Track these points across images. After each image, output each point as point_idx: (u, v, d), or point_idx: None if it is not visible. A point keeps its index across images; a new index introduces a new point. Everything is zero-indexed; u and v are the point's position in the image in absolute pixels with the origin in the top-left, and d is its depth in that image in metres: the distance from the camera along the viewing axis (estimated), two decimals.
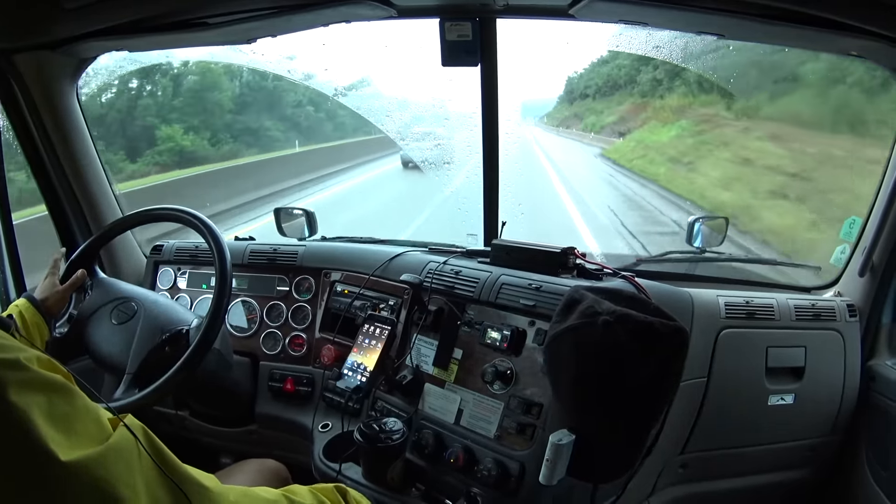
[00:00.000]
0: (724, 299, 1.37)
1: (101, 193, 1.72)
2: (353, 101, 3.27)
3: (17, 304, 1.22)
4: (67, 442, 0.50)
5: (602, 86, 16.06)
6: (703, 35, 1.40)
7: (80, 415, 0.53)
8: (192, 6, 1.33)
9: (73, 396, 0.53)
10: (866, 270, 1.44)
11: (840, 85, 5.50)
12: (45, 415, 0.49)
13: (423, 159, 3.54)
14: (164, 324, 1.27)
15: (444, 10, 1.46)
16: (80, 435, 0.51)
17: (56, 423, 0.50)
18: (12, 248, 1.55)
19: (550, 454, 0.96)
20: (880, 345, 1.49)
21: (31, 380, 0.50)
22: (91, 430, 0.53)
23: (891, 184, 1.38)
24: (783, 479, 1.51)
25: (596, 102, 16.33)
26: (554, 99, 18.44)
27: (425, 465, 1.22)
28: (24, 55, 1.45)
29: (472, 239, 1.71)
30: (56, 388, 0.52)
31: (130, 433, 0.56)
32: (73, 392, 0.54)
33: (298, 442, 1.48)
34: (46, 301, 1.25)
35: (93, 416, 0.54)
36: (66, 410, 0.52)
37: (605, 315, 0.94)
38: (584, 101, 17.21)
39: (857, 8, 1.10)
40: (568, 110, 18.51)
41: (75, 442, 0.50)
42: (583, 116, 16.79)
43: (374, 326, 1.34)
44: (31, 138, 1.59)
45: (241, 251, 1.65)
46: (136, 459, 0.55)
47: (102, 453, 0.52)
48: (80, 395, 0.55)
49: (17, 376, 0.49)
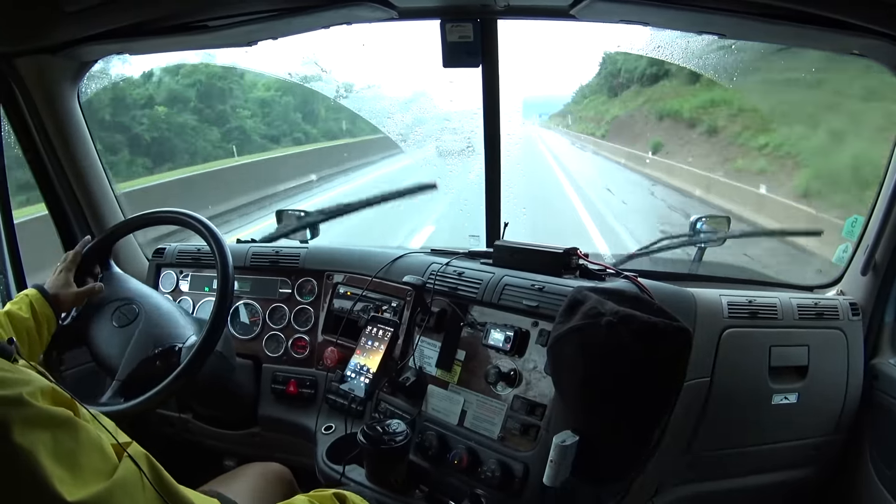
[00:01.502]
0: (727, 299, 1.37)
1: (102, 195, 1.72)
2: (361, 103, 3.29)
3: (28, 294, 1.20)
4: (73, 480, 0.50)
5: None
6: (704, 35, 1.40)
7: (84, 449, 0.53)
8: (193, 9, 1.33)
9: (78, 430, 0.53)
10: (869, 269, 1.44)
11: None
12: (50, 454, 0.49)
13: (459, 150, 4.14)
14: (158, 336, 1.26)
15: (445, 12, 1.46)
16: (85, 470, 0.51)
17: (62, 460, 0.50)
18: (13, 246, 1.55)
19: (554, 455, 0.97)
20: (883, 343, 1.49)
21: (35, 417, 0.50)
22: (96, 463, 0.53)
23: (892, 182, 1.38)
24: (787, 479, 1.51)
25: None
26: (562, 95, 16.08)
27: (429, 466, 1.22)
28: (25, 59, 1.45)
29: (475, 240, 1.71)
30: (60, 423, 0.52)
31: (135, 464, 0.56)
32: (77, 426, 0.54)
33: (302, 444, 1.48)
34: (58, 297, 1.23)
35: (97, 448, 0.54)
36: (71, 447, 0.52)
37: (608, 316, 0.94)
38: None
39: (859, 7, 1.10)
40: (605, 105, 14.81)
41: (81, 479, 0.50)
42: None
43: (376, 328, 1.34)
44: (32, 141, 1.59)
45: (242, 254, 1.65)
46: (140, 492, 0.55)
47: (109, 490, 0.52)
48: (84, 427, 0.54)
49: (20, 414, 0.49)
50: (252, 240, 1.80)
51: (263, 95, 11.57)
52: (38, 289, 1.22)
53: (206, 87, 10.14)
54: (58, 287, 1.25)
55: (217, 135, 10.12)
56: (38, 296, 1.20)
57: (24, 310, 1.16)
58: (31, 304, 1.18)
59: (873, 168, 5.01)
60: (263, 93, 11.57)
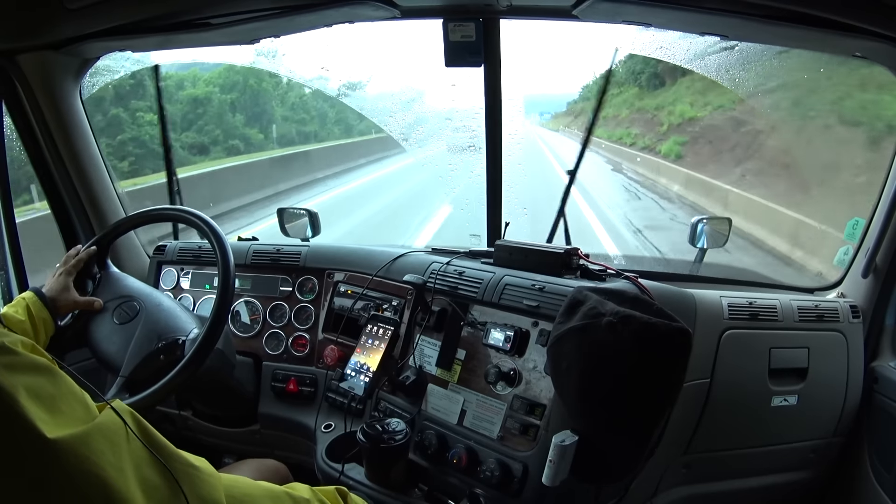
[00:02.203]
0: (727, 300, 1.37)
1: (103, 192, 1.72)
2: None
3: (25, 297, 1.20)
4: (53, 421, 0.50)
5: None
6: (706, 36, 1.40)
7: (65, 396, 0.53)
8: (196, 6, 1.33)
9: (58, 378, 0.54)
10: (870, 272, 1.44)
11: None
12: (31, 395, 0.49)
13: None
14: (161, 330, 1.26)
15: (448, 11, 1.46)
16: (65, 415, 0.51)
17: (42, 402, 0.50)
18: (15, 246, 1.55)
19: (554, 455, 0.97)
20: (883, 346, 1.49)
21: (16, 362, 0.50)
22: (77, 411, 0.53)
23: (894, 185, 1.38)
24: (786, 481, 1.51)
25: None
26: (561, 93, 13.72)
27: (428, 465, 1.22)
28: (28, 55, 1.46)
29: (476, 240, 1.71)
30: (41, 369, 0.52)
31: (118, 416, 0.56)
32: (57, 374, 0.54)
33: (301, 442, 1.49)
34: (56, 301, 1.23)
35: (79, 398, 0.55)
36: (51, 391, 0.52)
37: (608, 316, 0.94)
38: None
39: (861, 9, 1.10)
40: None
41: (61, 421, 0.50)
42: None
43: (377, 327, 1.34)
44: (34, 138, 1.59)
45: (244, 252, 1.65)
46: (123, 441, 0.55)
47: (88, 432, 0.52)
48: (65, 378, 0.55)
49: (1, 360, 0.49)
50: (253, 237, 1.80)
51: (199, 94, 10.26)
52: (35, 292, 1.21)
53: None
54: (56, 291, 1.24)
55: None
56: (35, 299, 1.20)
57: (21, 313, 1.16)
58: (28, 307, 1.18)
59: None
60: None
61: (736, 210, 6.39)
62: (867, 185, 5.57)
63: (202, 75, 10.54)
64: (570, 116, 14.05)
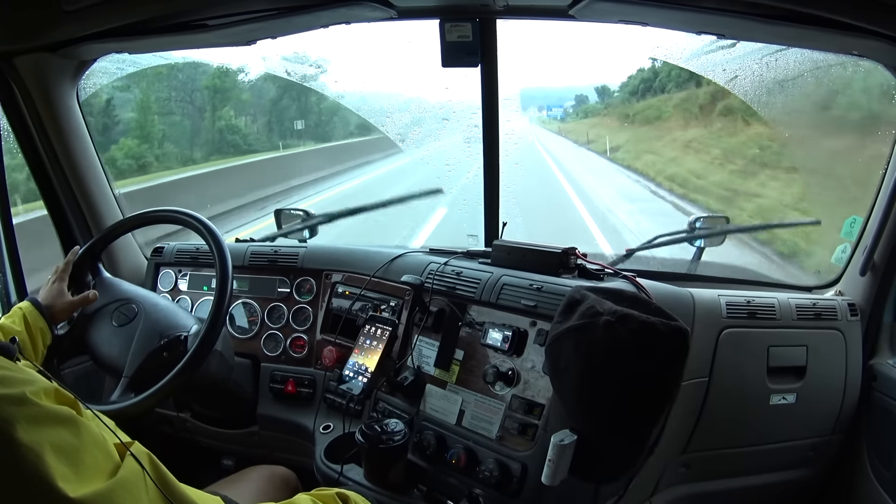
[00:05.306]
0: (726, 299, 1.37)
1: (100, 194, 1.72)
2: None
3: (21, 307, 1.20)
4: (76, 477, 0.50)
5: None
6: (703, 35, 1.40)
7: (87, 447, 0.53)
8: (192, 8, 1.33)
9: (81, 428, 0.54)
10: (867, 269, 1.44)
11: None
12: (54, 451, 0.49)
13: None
14: (163, 328, 1.27)
15: (445, 11, 1.46)
16: (88, 468, 0.52)
17: (65, 458, 0.50)
18: (13, 249, 1.55)
19: (552, 454, 0.97)
20: (882, 344, 1.49)
21: (39, 415, 0.50)
22: (99, 461, 0.54)
23: (891, 183, 1.38)
24: (785, 479, 1.51)
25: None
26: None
27: (427, 465, 1.22)
28: (24, 57, 1.45)
29: (473, 240, 1.71)
30: (63, 421, 0.52)
31: (137, 463, 0.56)
32: (80, 424, 0.54)
33: (300, 443, 1.48)
34: (52, 308, 1.23)
35: (100, 446, 0.55)
36: (74, 444, 0.52)
37: (606, 315, 0.94)
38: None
39: (858, 7, 1.10)
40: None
41: (84, 476, 0.51)
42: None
43: (375, 328, 1.34)
44: (31, 140, 1.59)
45: (241, 253, 1.65)
46: (142, 491, 0.55)
47: (111, 488, 0.52)
48: (87, 426, 0.55)
49: (24, 413, 0.49)
50: (251, 239, 1.80)
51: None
52: (31, 301, 1.22)
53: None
54: (51, 298, 1.24)
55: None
56: (31, 308, 1.20)
57: (17, 323, 1.16)
58: (24, 316, 1.18)
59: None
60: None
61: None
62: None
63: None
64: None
